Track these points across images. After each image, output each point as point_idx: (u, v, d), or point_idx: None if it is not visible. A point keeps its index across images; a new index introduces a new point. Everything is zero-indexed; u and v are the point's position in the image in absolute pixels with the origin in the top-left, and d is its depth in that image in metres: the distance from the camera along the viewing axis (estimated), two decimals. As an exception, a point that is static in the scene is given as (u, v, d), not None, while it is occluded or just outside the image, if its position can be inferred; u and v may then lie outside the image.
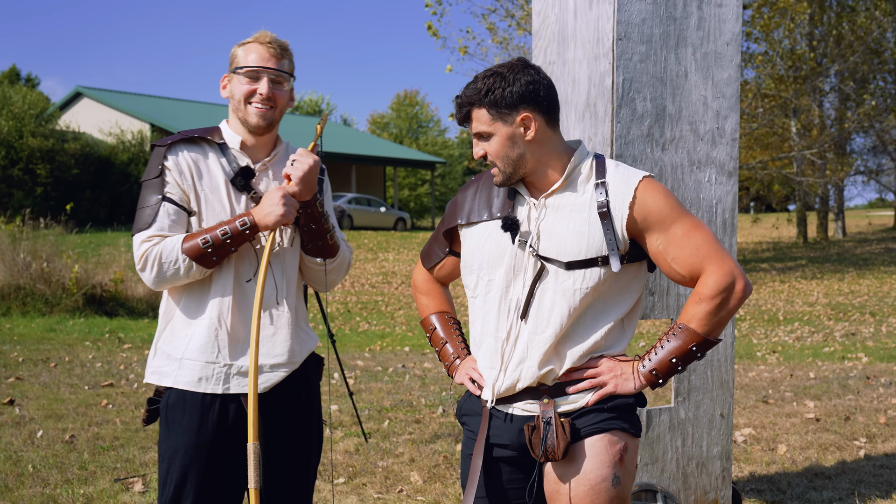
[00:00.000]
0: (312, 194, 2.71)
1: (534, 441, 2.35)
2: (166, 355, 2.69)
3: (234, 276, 2.67)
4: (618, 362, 2.40)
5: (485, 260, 2.45)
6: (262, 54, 2.67)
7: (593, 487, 2.33)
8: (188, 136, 2.70)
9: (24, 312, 12.89)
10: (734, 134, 4.12)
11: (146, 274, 2.60)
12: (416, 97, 62.33)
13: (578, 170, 2.41)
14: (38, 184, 27.40)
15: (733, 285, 2.31)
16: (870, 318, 14.52)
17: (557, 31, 4.25)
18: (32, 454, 5.49)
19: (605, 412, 2.38)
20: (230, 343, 2.66)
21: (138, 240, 2.61)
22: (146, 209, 2.63)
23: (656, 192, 2.35)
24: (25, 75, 49.94)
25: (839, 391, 8.04)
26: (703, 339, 2.33)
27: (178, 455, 2.64)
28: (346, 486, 5.05)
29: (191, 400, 2.65)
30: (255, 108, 2.67)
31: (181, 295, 2.70)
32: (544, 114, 2.37)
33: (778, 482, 5.15)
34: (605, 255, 2.32)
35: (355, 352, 11.18)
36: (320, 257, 2.80)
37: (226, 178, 2.70)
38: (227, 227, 2.59)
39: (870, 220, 41.36)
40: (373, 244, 27.24)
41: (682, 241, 2.32)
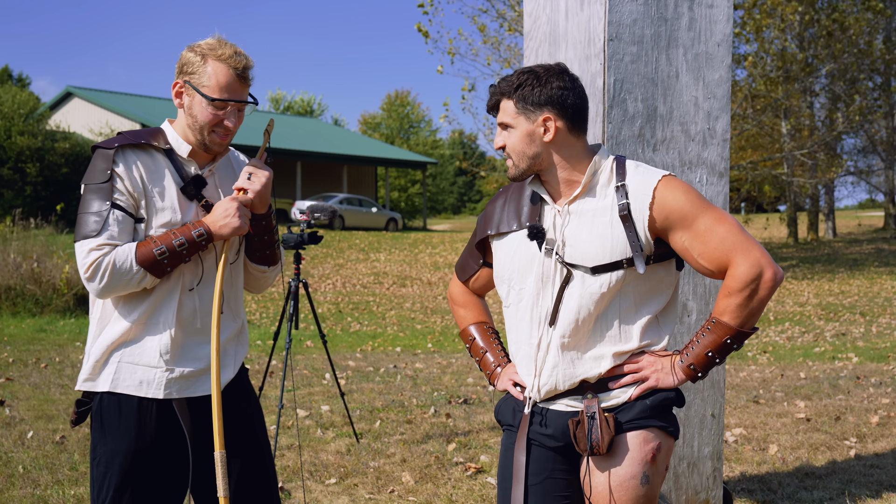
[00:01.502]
0: (267, 207, 2.71)
1: (578, 435, 2.39)
2: (103, 360, 2.64)
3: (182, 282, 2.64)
4: (658, 357, 2.44)
5: (515, 269, 2.49)
6: (232, 83, 2.59)
7: (622, 484, 2.38)
8: (135, 141, 2.62)
9: (14, 313, 12.84)
10: (725, 135, 4.13)
11: (94, 283, 2.53)
12: (407, 97, 62.35)
13: (599, 174, 2.44)
14: (28, 183, 27.31)
15: (761, 275, 2.31)
16: (860, 318, 14.57)
17: (549, 32, 4.25)
18: (23, 455, 5.47)
19: (647, 408, 2.42)
20: (172, 348, 2.63)
21: (85, 247, 2.52)
22: (91, 215, 2.54)
23: (676, 190, 2.37)
24: (17, 75, 49.74)
25: (830, 391, 8.07)
26: (736, 331, 2.34)
27: (117, 459, 2.61)
28: (337, 487, 5.05)
29: (126, 404, 2.62)
30: (217, 137, 2.63)
31: (120, 300, 2.64)
32: (567, 120, 2.40)
33: (769, 482, 5.16)
34: (629, 258, 2.35)
35: (346, 352, 11.17)
36: (266, 265, 2.81)
37: (176, 186, 2.65)
38: (182, 236, 2.56)
39: (860, 221, 41.50)
40: (364, 244, 27.22)
41: (706, 236, 2.33)
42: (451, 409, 7.18)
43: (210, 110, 2.59)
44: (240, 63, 2.60)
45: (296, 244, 5.92)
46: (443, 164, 58.73)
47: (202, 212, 2.68)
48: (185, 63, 2.62)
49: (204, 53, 2.59)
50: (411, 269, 22.81)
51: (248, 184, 2.64)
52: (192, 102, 2.62)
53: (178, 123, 2.69)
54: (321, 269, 21.54)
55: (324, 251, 24.66)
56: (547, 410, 2.49)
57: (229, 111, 2.61)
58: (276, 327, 7.93)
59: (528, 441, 2.51)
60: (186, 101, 2.63)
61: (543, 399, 2.48)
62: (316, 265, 22.24)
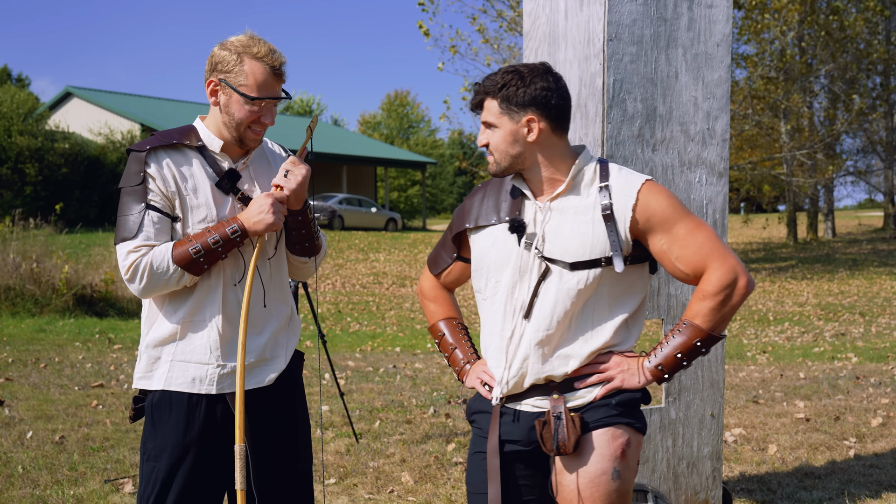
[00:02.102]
0: (303, 203, 2.73)
1: (545, 436, 2.41)
2: (154, 358, 2.70)
3: (223, 278, 2.68)
4: (625, 358, 2.46)
5: (493, 262, 2.52)
6: (268, 81, 2.63)
7: (593, 480, 2.38)
8: (167, 142, 2.66)
9: (13, 313, 12.83)
10: (724, 135, 4.13)
11: (135, 284, 2.58)
12: (406, 97, 62.35)
13: (582, 173, 2.47)
14: (27, 183, 27.29)
15: (736, 282, 2.37)
16: (859, 318, 14.57)
17: (548, 32, 4.25)
18: (22, 455, 5.47)
19: (613, 407, 2.44)
20: (222, 344, 2.68)
21: (124, 250, 2.59)
22: (129, 217, 2.60)
23: (659, 194, 2.42)
24: (16, 75, 49.73)
25: (829, 391, 8.07)
26: (707, 334, 2.39)
27: (166, 453, 2.66)
28: (336, 487, 5.05)
29: (177, 399, 2.67)
30: (254, 134, 2.67)
31: (164, 299, 2.70)
32: (551, 120, 2.43)
33: (768, 482, 5.17)
34: (608, 256, 2.39)
35: (346, 352, 11.17)
36: (306, 256, 2.84)
37: (210, 181, 2.69)
38: (216, 234, 2.59)
39: (859, 221, 41.50)
40: (364, 245, 27.22)
41: (685, 241, 2.39)
42: (450, 409, 7.19)
43: (248, 108, 2.63)
44: (276, 61, 2.64)
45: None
46: (442, 164, 58.69)
47: (239, 205, 2.71)
48: (218, 61, 2.64)
49: (239, 52, 2.62)
50: (411, 269, 22.81)
51: (284, 181, 2.67)
52: (230, 101, 2.65)
53: (211, 120, 2.72)
54: (320, 270, 21.54)
55: (323, 251, 24.64)
56: (513, 411, 2.52)
57: (266, 108, 2.65)
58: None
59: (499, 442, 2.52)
60: (223, 99, 2.66)
61: (511, 393, 2.49)
62: (315, 265, 22.23)
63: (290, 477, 2.81)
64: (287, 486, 2.80)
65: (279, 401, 2.79)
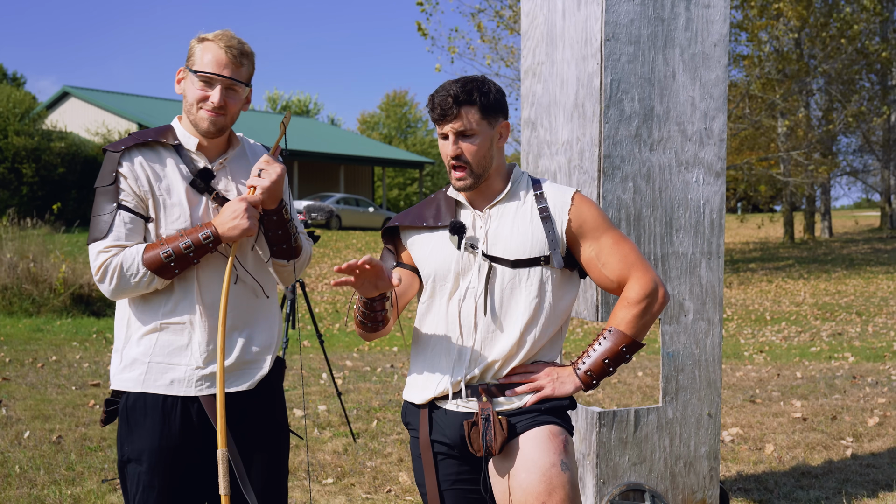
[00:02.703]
0: (278, 202, 2.68)
1: (472, 436, 2.45)
2: (132, 359, 2.66)
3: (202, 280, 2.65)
4: (554, 367, 2.55)
5: (435, 267, 2.57)
6: (220, 59, 2.60)
7: (545, 473, 2.41)
8: (142, 140, 2.64)
9: (10, 313, 12.82)
10: (722, 134, 4.14)
11: (105, 285, 2.56)
12: (404, 97, 62.31)
13: (519, 182, 2.59)
14: (24, 183, 27.25)
15: (656, 291, 2.51)
16: (856, 317, 14.59)
17: (546, 32, 4.26)
18: (19, 455, 5.46)
19: (542, 412, 2.51)
20: (202, 346, 2.64)
21: (95, 250, 2.57)
22: (101, 217, 2.58)
23: (590, 204, 2.56)
24: (11, 74, 49.65)
25: (826, 391, 8.08)
26: (631, 340, 2.51)
27: (144, 456, 2.63)
28: (334, 487, 5.05)
29: (151, 402, 2.63)
30: (205, 114, 2.61)
31: (140, 300, 2.66)
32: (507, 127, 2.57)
33: (765, 481, 5.17)
34: (546, 255, 2.49)
35: (343, 352, 11.17)
36: (285, 258, 2.79)
37: (184, 181, 2.65)
38: (189, 239, 2.56)
39: (856, 220, 41.56)
40: (361, 244, 27.21)
41: (612, 250, 2.52)
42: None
43: (198, 86, 2.60)
44: (231, 42, 2.61)
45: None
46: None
47: (214, 205, 2.67)
48: (188, 51, 2.67)
49: (203, 38, 2.65)
50: (408, 269, 22.74)
51: (258, 180, 2.62)
52: (186, 83, 2.65)
53: (184, 117, 2.71)
54: (318, 269, 21.53)
55: (321, 251, 24.65)
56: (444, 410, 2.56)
57: (215, 87, 2.60)
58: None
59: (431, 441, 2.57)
60: (183, 84, 2.66)
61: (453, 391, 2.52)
62: (313, 265, 22.22)
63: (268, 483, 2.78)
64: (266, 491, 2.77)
65: (259, 405, 2.75)
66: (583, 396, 7.79)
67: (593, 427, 3.92)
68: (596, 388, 2.60)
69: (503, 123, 2.52)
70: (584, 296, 4.00)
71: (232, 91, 2.63)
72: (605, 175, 3.91)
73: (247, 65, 2.66)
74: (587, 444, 3.97)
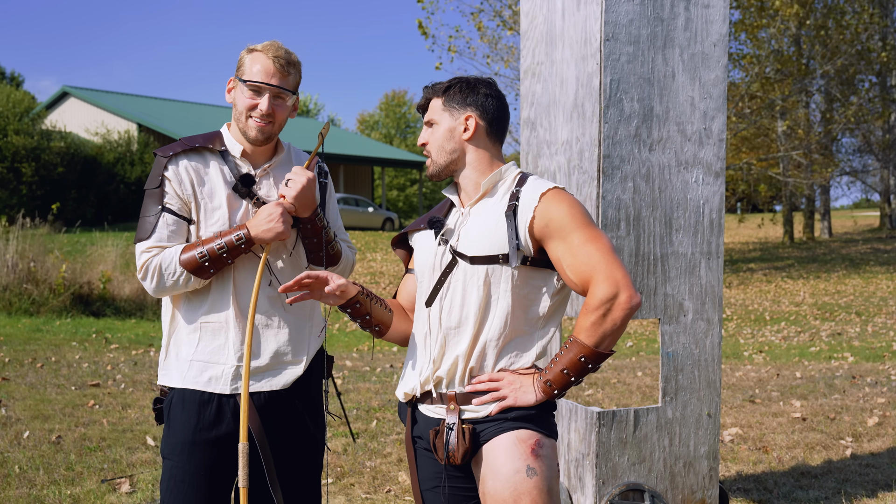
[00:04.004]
0: (311, 210, 2.78)
1: (437, 444, 2.45)
2: (175, 356, 2.78)
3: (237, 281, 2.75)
4: (518, 375, 2.46)
5: (419, 264, 2.61)
6: (268, 68, 2.70)
7: (509, 479, 2.38)
8: (190, 146, 2.75)
9: (10, 313, 12.82)
10: (721, 134, 4.14)
11: (147, 283, 2.69)
12: (404, 97, 62.31)
13: (503, 181, 2.55)
14: (23, 183, 27.24)
15: (617, 296, 2.32)
16: (856, 317, 14.60)
17: (546, 32, 4.26)
18: (19, 455, 5.46)
19: (509, 421, 2.44)
20: (237, 345, 2.74)
21: (140, 249, 2.70)
22: (147, 218, 2.72)
23: (562, 201, 2.42)
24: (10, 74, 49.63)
25: (825, 391, 8.08)
26: (591, 350, 2.35)
27: (177, 451, 2.72)
28: (334, 487, 5.05)
29: (189, 398, 2.73)
30: (254, 123, 2.73)
31: (181, 299, 2.78)
32: (487, 123, 2.54)
33: (765, 481, 5.17)
34: (505, 253, 2.42)
35: (343, 352, 11.17)
36: (323, 266, 2.87)
37: (227, 186, 2.76)
38: (223, 240, 2.67)
39: (855, 220, 41.55)
40: (360, 244, 27.20)
41: (576, 250, 2.37)
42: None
43: (247, 95, 2.71)
44: (279, 52, 2.73)
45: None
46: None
47: (254, 210, 2.78)
48: (238, 61, 2.77)
49: (253, 49, 2.75)
50: (408, 269, 22.75)
51: (285, 190, 2.72)
52: (236, 92, 2.76)
53: (233, 124, 2.81)
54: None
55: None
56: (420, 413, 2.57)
57: (264, 95, 2.71)
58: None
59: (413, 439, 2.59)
60: (234, 93, 2.77)
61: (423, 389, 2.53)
62: (312, 265, 22.23)
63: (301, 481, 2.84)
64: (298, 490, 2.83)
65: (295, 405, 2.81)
66: (582, 396, 7.79)
67: (593, 427, 3.92)
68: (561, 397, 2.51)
69: (467, 116, 2.51)
70: (580, 299, 3.99)
71: (279, 99, 2.75)
72: (605, 175, 3.91)
73: (294, 74, 2.77)
74: (587, 444, 3.97)
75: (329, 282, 2.51)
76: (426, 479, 2.57)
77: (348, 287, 2.57)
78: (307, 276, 2.47)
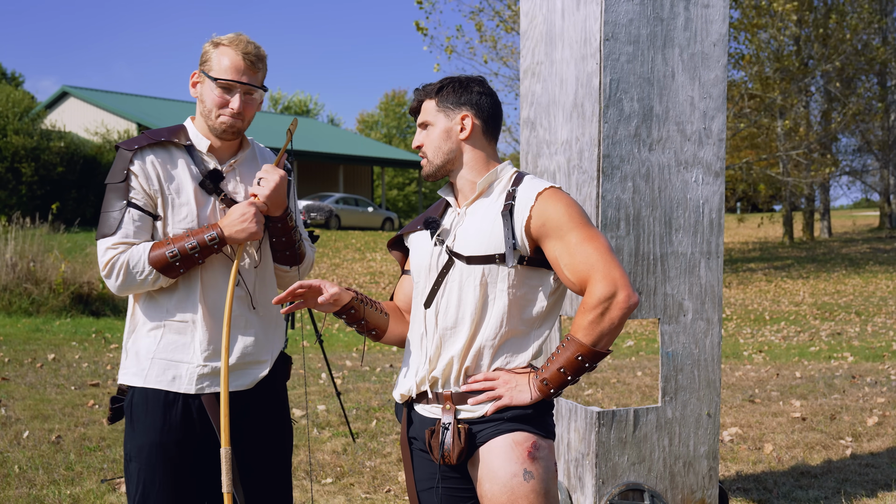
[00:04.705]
0: (283, 210, 2.73)
1: (433, 444, 2.44)
2: (137, 355, 2.71)
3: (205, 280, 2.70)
4: (514, 375, 2.45)
5: (415, 264, 2.60)
6: (237, 65, 2.65)
7: (506, 484, 2.37)
8: (155, 139, 2.68)
9: (10, 313, 12.81)
10: (721, 134, 4.14)
11: (111, 281, 2.61)
12: (404, 97, 62.31)
13: (499, 180, 2.54)
14: (23, 183, 27.23)
15: (615, 295, 2.32)
16: (855, 317, 14.60)
17: (545, 32, 4.26)
18: (18, 455, 5.46)
19: (505, 421, 2.43)
20: (203, 344, 2.68)
21: (103, 245, 2.61)
22: (111, 214, 2.63)
23: (559, 201, 2.42)
24: (10, 74, 49.61)
25: (825, 390, 8.08)
26: (588, 349, 2.35)
27: (144, 453, 2.66)
28: (333, 486, 5.05)
29: (153, 398, 2.67)
30: (224, 119, 2.67)
31: (146, 297, 2.71)
32: (483, 121, 2.54)
33: (764, 481, 5.17)
34: (501, 253, 2.41)
35: (343, 352, 11.17)
36: (288, 265, 2.84)
37: (194, 181, 2.70)
38: (194, 240, 2.61)
39: (854, 220, 41.55)
40: (360, 244, 27.21)
41: (574, 250, 2.37)
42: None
43: (217, 92, 2.65)
44: (248, 48, 2.66)
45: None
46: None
47: (221, 206, 2.72)
48: (202, 54, 2.71)
49: (218, 42, 2.68)
50: (407, 269, 22.75)
51: (257, 189, 2.68)
52: (203, 88, 2.70)
53: (198, 118, 2.75)
54: (317, 269, 21.53)
55: (320, 251, 24.65)
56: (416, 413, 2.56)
57: (235, 93, 2.66)
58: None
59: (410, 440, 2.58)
60: (199, 88, 2.71)
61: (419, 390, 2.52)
62: (312, 265, 22.23)
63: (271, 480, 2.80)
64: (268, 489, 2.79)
65: (262, 404, 2.78)
66: (582, 396, 7.80)
67: (592, 427, 3.92)
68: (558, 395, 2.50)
69: (463, 115, 2.50)
70: (579, 298, 3.99)
71: (249, 96, 2.70)
72: (605, 175, 3.91)
73: (262, 68, 2.72)
74: (586, 444, 3.97)
75: (322, 291, 2.50)
76: (422, 479, 2.56)
77: (341, 295, 2.55)
78: (300, 287, 2.45)
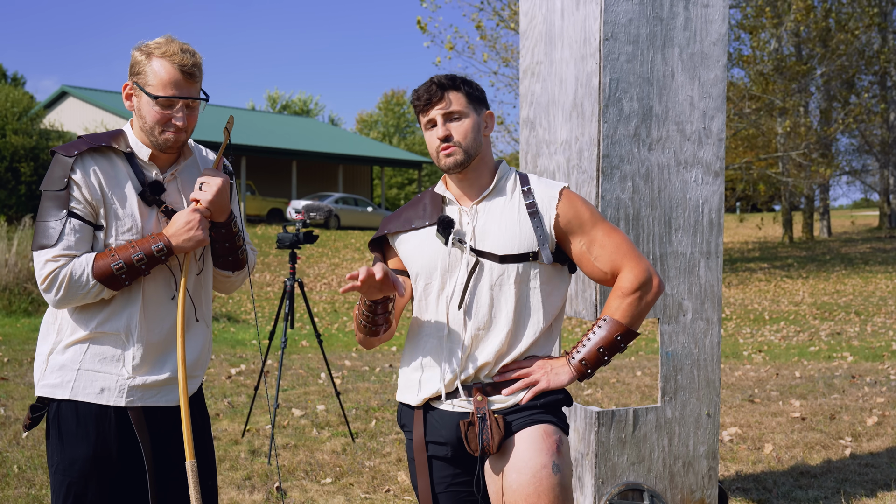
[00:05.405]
0: (227, 214, 2.65)
1: (469, 436, 2.46)
2: (60, 366, 2.58)
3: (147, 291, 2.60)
4: (547, 360, 2.55)
5: (422, 265, 2.58)
6: (176, 79, 2.50)
7: (535, 475, 2.41)
8: (95, 145, 2.55)
9: (9, 312, 12.81)
10: (720, 134, 4.14)
11: (51, 295, 2.48)
12: (403, 97, 62.30)
13: (506, 178, 2.61)
14: (22, 182, 27.24)
15: (650, 281, 2.52)
16: (855, 317, 14.60)
17: (545, 31, 4.25)
18: (18, 455, 5.46)
19: (537, 409, 2.51)
20: (135, 356, 2.58)
21: (42, 258, 2.47)
22: (49, 223, 2.49)
23: (578, 199, 2.58)
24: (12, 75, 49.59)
25: (825, 390, 8.08)
26: (626, 328, 2.51)
27: (76, 466, 2.55)
28: (333, 486, 5.05)
29: (84, 410, 2.56)
30: (168, 136, 2.54)
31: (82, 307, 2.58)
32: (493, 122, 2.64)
33: (764, 481, 5.17)
34: (535, 251, 2.50)
35: (342, 351, 11.17)
36: (230, 270, 2.75)
37: (136, 192, 2.58)
38: (140, 251, 2.50)
39: (853, 220, 41.55)
40: (360, 244, 27.21)
41: (603, 242, 2.54)
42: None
43: (157, 109, 2.51)
44: (185, 60, 2.51)
45: (291, 244, 5.91)
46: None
47: (163, 218, 2.61)
48: (132, 63, 2.56)
49: (149, 52, 2.52)
50: (407, 269, 22.73)
51: (200, 194, 2.58)
52: (140, 103, 2.55)
53: (137, 129, 2.62)
54: (317, 269, 21.53)
55: (319, 250, 24.66)
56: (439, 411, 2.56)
57: (177, 109, 2.53)
58: (271, 327, 7.93)
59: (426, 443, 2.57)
60: (136, 102, 2.57)
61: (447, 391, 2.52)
62: (311, 264, 22.23)
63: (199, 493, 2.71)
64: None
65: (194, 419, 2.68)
66: (581, 396, 7.79)
67: (592, 427, 3.92)
68: (591, 377, 2.58)
69: (487, 113, 2.58)
70: (582, 295, 4.00)
71: (191, 108, 2.57)
72: (604, 175, 3.91)
73: (200, 76, 2.57)
74: (586, 444, 3.96)
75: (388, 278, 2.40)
76: (439, 482, 2.57)
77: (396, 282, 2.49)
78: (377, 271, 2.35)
